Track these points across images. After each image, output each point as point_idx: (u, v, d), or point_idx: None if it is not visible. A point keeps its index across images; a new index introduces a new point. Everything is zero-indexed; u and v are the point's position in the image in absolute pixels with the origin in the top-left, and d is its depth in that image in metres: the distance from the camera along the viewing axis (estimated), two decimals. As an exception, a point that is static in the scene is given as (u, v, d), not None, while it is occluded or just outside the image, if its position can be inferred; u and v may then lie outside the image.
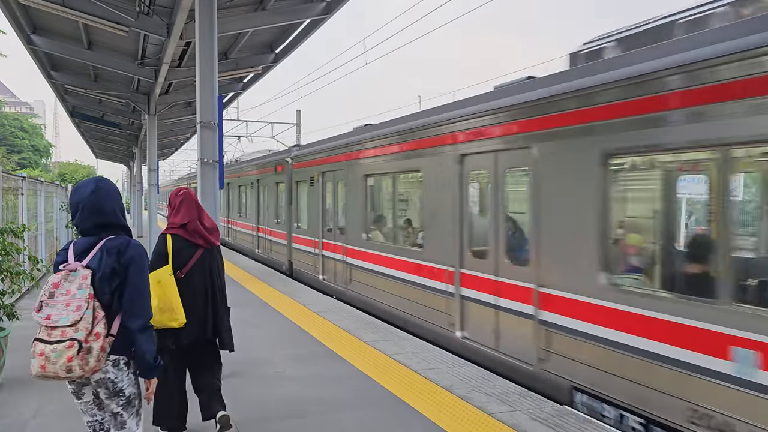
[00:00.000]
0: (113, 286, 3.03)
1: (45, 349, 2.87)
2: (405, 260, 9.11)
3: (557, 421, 5.03)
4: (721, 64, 4.51)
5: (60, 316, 2.88)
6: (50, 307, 2.92)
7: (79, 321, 2.87)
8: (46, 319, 2.89)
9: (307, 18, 11.19)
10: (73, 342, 2.84)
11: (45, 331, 2.90)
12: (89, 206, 3.13)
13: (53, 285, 2.96)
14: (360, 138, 10.76)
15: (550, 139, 6.14)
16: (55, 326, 2.87)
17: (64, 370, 2.84)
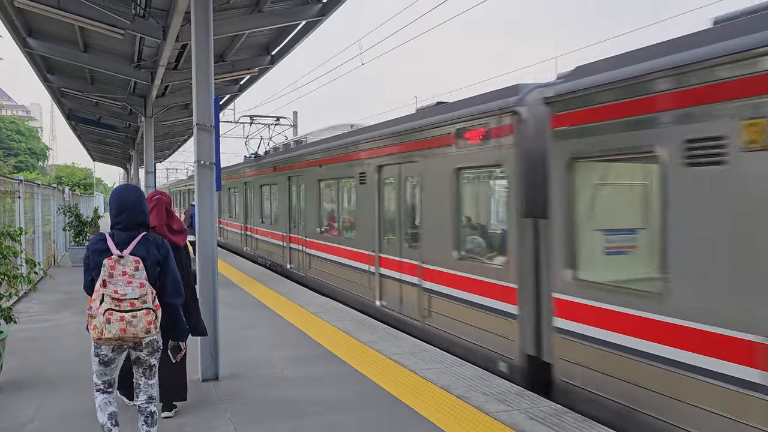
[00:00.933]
0: (156, 272, 3.96)
1: (125, 315, 3.65)
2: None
3: (555, 420, 5.04)
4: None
5: (126, 291, 3.69)
6: (114, 284, 3.69)
7: (145, 295, 3.74)
8: (114, 293, 3.67)
9: (302, 20, 11.20)
10: (149, 310, 3.73)
11: (113, 303, 3.66)
12: (135, 209, 4.00)
13: (110, 267, 3.74)
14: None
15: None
16: (123, 299, 3.67)
17: (144, 331, 3.71)
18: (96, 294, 3.71)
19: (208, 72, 6.33)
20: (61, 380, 6.28)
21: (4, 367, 6.44)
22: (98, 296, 3.70)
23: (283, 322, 9.09)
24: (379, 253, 9.92)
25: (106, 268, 3.73)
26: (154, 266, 3.93)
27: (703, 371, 4.46)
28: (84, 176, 72.54)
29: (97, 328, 3.67)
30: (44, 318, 9.51)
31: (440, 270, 8.00)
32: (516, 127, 6.58)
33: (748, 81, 4.17)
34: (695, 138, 4.53)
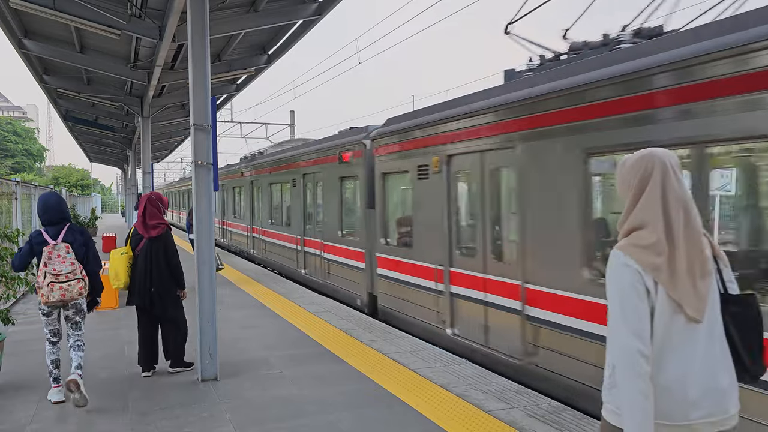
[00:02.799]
0: (82, 252, 5.58)
1: (64, 286, 5.33)
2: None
3: (554, 417, 5.05)
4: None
5: (62, 268, 5.35)
6: (52, 263, 5.33)
7: (75, 269, 5.41)
8: (54, 271, 5.33)
9: (299, 19, 11.18)
10: (80, 280, 5.43)
11: (53, 278, 5.30)
12: (55, 208, 5.62)
13: (48, 253, 5.37)
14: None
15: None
16: (60, 274, 5.33)
17: (77, 293, 5.41)
18: (40, 272, 5.35)
19: (205, 72, 6.32)
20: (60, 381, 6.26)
21: (3, 369, 6.43)
22: (42, 273, 5.33)
23: (282, 321, 9.09)
24: (325, 242, 13.24)
25: (45, 254, 5.36)
26: (81, 247, 5.57)
27: (418, 285, 8.71)
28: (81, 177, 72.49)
29: (45, 295, 5.33)
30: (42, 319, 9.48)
31: (333, 245, 12.40)
32: (362, 152, 10.87)
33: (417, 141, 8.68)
34: (422, 164, 8.54)
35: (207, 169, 6.29)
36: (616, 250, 2.48)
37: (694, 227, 2.43)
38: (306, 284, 13.54)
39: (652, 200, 2.46)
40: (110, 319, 9.48)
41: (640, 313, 2.34)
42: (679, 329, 2.36)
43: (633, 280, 2.37)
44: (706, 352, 2.38)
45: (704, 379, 2.36)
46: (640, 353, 2.29)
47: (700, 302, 2.38)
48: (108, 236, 21.21)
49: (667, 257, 2.38)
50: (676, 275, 2.37)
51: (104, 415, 5.28)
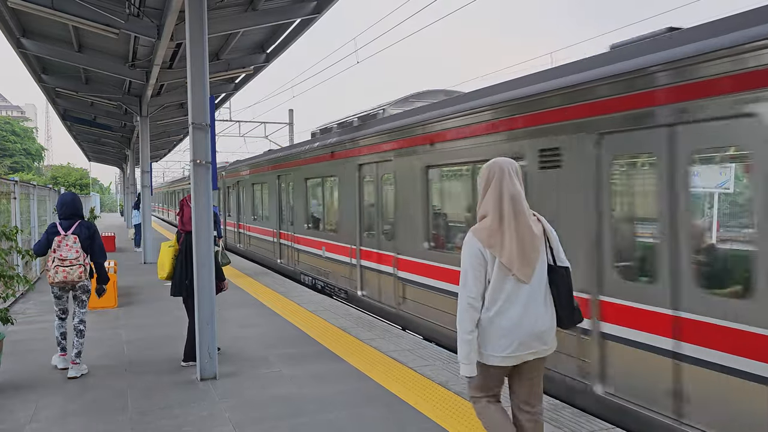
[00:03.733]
0: (87, 243, 6.52)
1: (66, 269, 6.29)
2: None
3: (552, 415, 5.05)
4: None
5: (68, 255, 6.32)
6: (60, 250, 6.32)
7: (79, 257, 6.36)
8: (61, 257, 6.30)
9: (297, 18, 11.17)
10: (81, 266, 6.35)
11: (59, 262, 6.29)
12: (70, 206, 6.64)
13: (58, 241, 6.35)
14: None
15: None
16: (65, 259, 6.30)
17: (77, 277, 6.33)
18: (50, 257, 6.34)
19: (203, 71, 6.31)
20: (59, 380, 6.28)
21: (3, 368, 6.44)
22: (51, 258, 6.32)
23: (281, 320, 9.09)
24: (279, 230, 16.68)
25: (55, 242, 6.37)
26: (86, 240, 6.52)
27: (338, 261, 11.86)
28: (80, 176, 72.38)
29: (51, 276, 6.33)
30: (41, 319, 9.50)
31: (300, 236, 14.57)
32: (222, 176, 22.98)
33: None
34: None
35: (206, 168, 6.28)
36: (469, 231, 3.45)
37: (522, 215, 3.40)
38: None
39: (493, 196, 3.44)
40: (109, 318, 9.49)
41: (477, 276, 3.36)
42: (511, 288, 3.35)
43: (475, 253, 3.37)
44: (533, 305, 3.37)
45: (530, 324, 3.36)
46: (471, 305, 3.35)
47: (527, 269, 3.34)
48: (107, 236, 21.16)
49: (500, 237, 3.35)
50: (506, 249, 3.33)
51: (104, 414, 5.28)
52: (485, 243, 3.36)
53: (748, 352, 4.24)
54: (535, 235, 3.40)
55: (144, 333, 8.40)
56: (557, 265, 3.48)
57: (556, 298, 3.47)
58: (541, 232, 3.46)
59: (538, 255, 3.39)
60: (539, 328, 3.37)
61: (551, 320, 3.45)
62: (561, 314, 3.49)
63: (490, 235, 3.36)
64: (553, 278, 3.46)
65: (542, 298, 3.41)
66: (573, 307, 3.50)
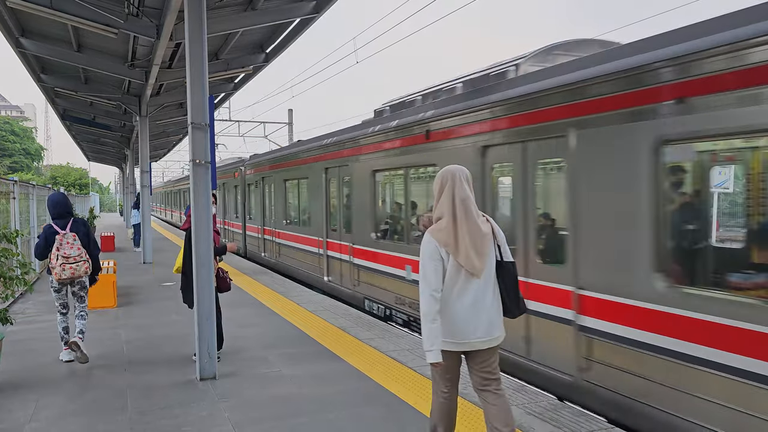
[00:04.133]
0: (85, 240, 6.95)
1: (73, 266, 6.72)
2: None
3: (552, 415, 5.06)
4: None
5: (71, 252, 6.75)
6: (63, 249, 6.72)
7: (82, 254, 6.82)
8: (65, 255, 6.71)
9: (296, 17, 11.18)
10: (85, 262, 6.84)
11: (64, 260, 6.69)
12: (61, 204, 7.04)
13: (59, 240, 6.74)
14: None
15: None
16: (69, 257, 6.71)
17: (83, 272, 6.83)
18: (53, 256, 6.70)
19: (203, 70, 6.31)
20: (59, 380, 6.28)
21: (2, 368, 6.44)
22: (55, 257, 6.69)
23: (281, 320, 9.09)
24: (264, 226, 18.49)
25: (57, 241, 6.75)
26: (84, 237, 6.97)
27: (306, 251, 13.77)
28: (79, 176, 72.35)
29: (57, 273, 6.70)
30: (40, 319, 9.50)
31: (278, 231, 16.36)
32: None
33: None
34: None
35: (205, 167, 6.28)
36: (427, 232, 3.82)
37: (472, 217, 3.77)
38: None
39: (446, 200, 3.80)
40: (109, 318, 9.48)
41: (436, 271, 3.70)
42: (464, 282, 3.72)
43: (432, 250, 3.74)
44: (483, 297, 3.76)
45: (481, 315, 3.74)
46: (433, 296, 3.68)
47: (477, 265, 3.71)
48: (106, 236, 21.14)
49: (454, 237, 3.72)
50: (459, 248, 3.70)
51: (103, 414, 5.28)
52: (441, 242, 3.75)
53: (563, 303, 5.97)
54: (485, 234, 3.79)
55: (143, 333, 8.39)
56: (504, 261, 3.87)
57: (503, 291, 3.87)
58: (490, 231, 3.86)
59: (487, 252, 3.78)
60: (488, 319, 3.77)
61: (498, 311, 3.86)
62: (508, 305, 3.89)
63: (445, 236, 3.75)
64: (501, 273, 3.86)
65: (491, 291, 3.81)
66: (519, 298, 3.91)
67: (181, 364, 6.77)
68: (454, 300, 3.73)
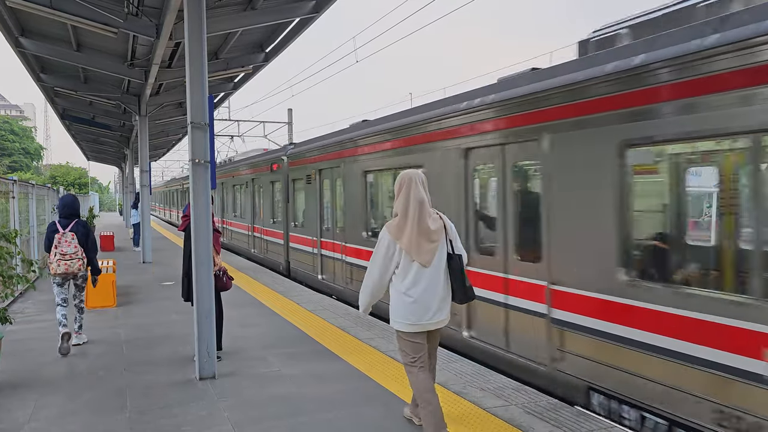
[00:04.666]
0: (83, 240, 7.47)
1: (67, 262, 7.29)
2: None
3: (552, 414, 5.06)
4: None
5: (67, 250, 7.32)
6: (61, 246, 7.30)
7: (77, 252, 7.36)
8: (62, 252, 7.29)
9: (296, 17, 11.18)
10: (79, 259, 7.37)
11: (60, 256, 7.28)
12: (69, 206, 7.62)
13: (58, 238, 7.32)
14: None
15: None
16: (66, 253, 7.29)
17: (77, 268, 7.35)
18: (52, 252, 7.31)
19: (202, 70, 6.31)
20: (58, 380, 6.27)
21: (1, 367, 6.43)
22: (53, 253, 7.31)
23: (281, 319, 9.09)
24: (254, 224, 19.50)
25: (56, 239, 7.35)
26: (83, 237, 7.50)
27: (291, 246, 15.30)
28: (79, 176, 72.36)
29: (53, 268, 7.31)
30: (40, 318, 9.50)
31: (266, 229, 17.90)
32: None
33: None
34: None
35: (204, 167, 6.28)
36: (384, 226, 4.43)
37: (424, 215, 4.34)
38: None
39: (403, 200, 4.38)
40: (108, 317, 9.48)
41: (386, 261, 4.35)
42: (416, 271, 4.30)
43: (387, 242, 4.36)
44: (434, 285, 4.33)
45: (431, 299, 4.31)
46: (380, 279, 4.39)
47: (426, 256, 4.28)
48: (106, 235, 21.14)
49: (404, 231, 4.31)
50: (411, 241, 4.28)
51: (103, 413, 5.28)
52: (394, 236, 4.35)
53: (330, 248, 11.38)
54: (433, 230, 4.35)
55: (143, 332, 8.39)
56: (454, 253, 4.43)
57: (452, 279, 4.41)
58: (441, 227, 4.41)
59: (436, 245, 4.34)
60: (437, 303, 4.35)
61: (447, 297, 4.42)
62: (456, 292, 4.43)
63: (398, 230, 4.35)
64: (450, 264, 4.40)
65: (441, 280, 4.36)
66: (466, 287, 4.44)
67: (180, 363, 6.77)
68: (408, 287, 4.30)
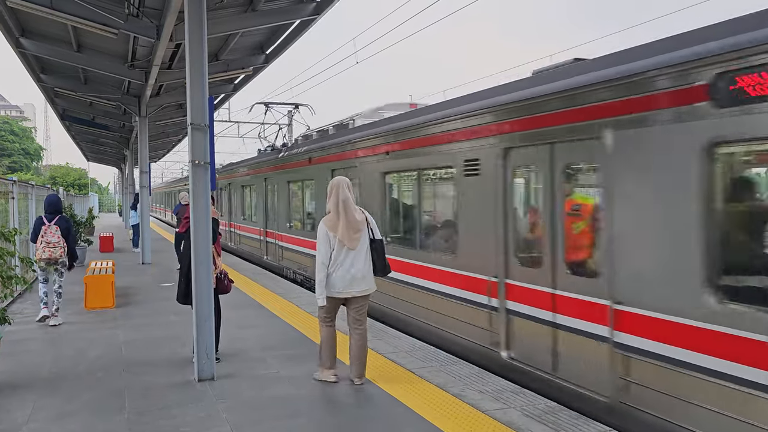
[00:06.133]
0: (65, 232, 8.97)
1: (50, 249, 8.80)
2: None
3: (550, 417, 5.06)
4: None
5: (51, 239, 8.83)
6: (46, 236, 8.81)
7: (60, 242, 8.88)
8: (47, 241, 8.81)
9: (297, 19, 11.19)
10: (61, 248, 8.90)
11: (45, 244, 8.79)
12: (53, 204, 9.16)
13: (44, 230, 8.84)
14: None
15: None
16: (50, 242, 8.79)
17: (59, 255, 8.86)
18: (38, 241, 8.83)
19: (203, 71, 6.31)
20: (57, 380, 6.27)
21: (0, 368, 6.44)
22: (39, 242, 8.82)
23: (280, 321, 9.08)
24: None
25: (42, 230, 8.86)
26: (65, 230, 9.00)
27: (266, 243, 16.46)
28: (78, 176, 72.36)
29: (39, 254, 8.78)
30: (39, 319, 9.48)
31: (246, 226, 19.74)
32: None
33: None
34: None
35: (204, 168, 6.28)
36: (321, 221, 5.82)
37: (350, 211, 5.75)
38: None
39: (333, 200, 5.81)
40: (107, 319, 9.47)
41: (326, 246, 5.72)
42: (345, 253, 5.72)
43: (324, 234, 5.75)
44: (356, 263, 5.75)
45: (354, 274, 5.73)
46: (323, 263, 5.71)
47: (353, 242, 5.71)
48: (105, 236, 21.13)
49: (336, 224, 5.72)
50: (341, 231, 5.69)
51: (101, 414, 5.27)
52: (329, 228, 5.77)
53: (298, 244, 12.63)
54: (358, 221, 5.80)
55: (142, 334, 8.39)
56: (375, 238, 5.91)
57: (374, 259, 5.88)
58: (363, 219, 5.85)
59: (360, 233, 5.78)
60: (360, 276, 5.77)
61: (369, 271, 5.85)
62: (377, 267, 5.91)
63: (332, 224, 5.77)
64: (373, 246, 5.88)
65: (363, 259, 5.80)
66: (384, 264, 5.94)
67: (179, 364, 6.76)
68: (339, 265, 5.72)
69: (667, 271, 4.76)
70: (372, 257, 5.82)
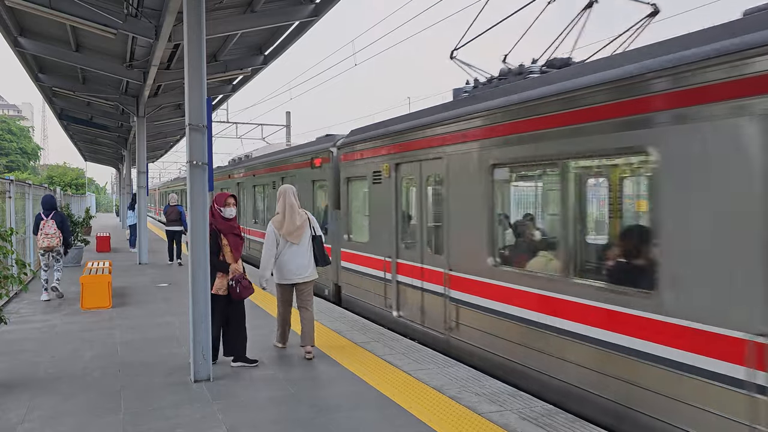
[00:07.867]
0: (60, 225, 11.08)
1: (49, 239, 10.90)
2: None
3: (547, 420, 5.05)
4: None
5: (49, 231, 10.95)
6: (45, 229, 10.92)
7: (56, 233, 11.02)
8: (46, 232, 10.92)
9: (296, 20, 11.18)
10: (58, 237, 11.04)
11: (44, 235, 10.91)
12: (49, 202, 11.18)
13: (43, 224, 10.94)
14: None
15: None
16: (48, 233, 10.91)
17: (56, 243, 10.99)
18: (39, 233, 10.84)
19: (201, 72, 6.31)
20: (52, 381, 6.25)
21: (-5, 368, 6.43)
22: (40, 234, 10.83)
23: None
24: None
25: (41, 224, 10.84)
26: (60, 223, 10.94)
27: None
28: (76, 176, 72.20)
29: (40, 243, 10.86)
30: (34, 318, 9.46)
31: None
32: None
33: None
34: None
35: (202, 169, 6.27)
36: (270, 221, 6.98)
37: (294, 213, 6.93)
38: None
39: (281, 203, 6.98)
40: (103, 319, 9.45)
41: (273, 244, 6.88)
42: (290, 247, 6.88)
43: (272, 232, 6.90)
44: (299, 255, 6.91)
45: (298, 264, 6.91)
46: (270, 254, 6.87)
47: (296, 238, 6.87)
48: (102, 236, 21.09)
49: (282, 223, 6.89)
50: (286, 229, 6.86)
51: (96, 415, 5.26)
52: (276, 227, 6.87)
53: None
54: (302, 221, 6.94)
55: (138, 334, 8.37)
56: (316, 235, 7.04)
57: (316, 252, 7.03)
58: (306, 219, 6.98)
59: (302, 231, 6.91)
60: (302, 266, 6.91)
61: (310, 262, 6.99)
62: (318, 259, 7.05)
63: (279, 224, 6.89)
64: (315, 241, 7.02)
65: (305, 252, 6.93)
66: (324, 256, 7.10)
67: (175, 365, 6.75)
68: (285, 257, 6.85)
69: (472, 247, 7.22)
70: (313, 250, 6.99)
